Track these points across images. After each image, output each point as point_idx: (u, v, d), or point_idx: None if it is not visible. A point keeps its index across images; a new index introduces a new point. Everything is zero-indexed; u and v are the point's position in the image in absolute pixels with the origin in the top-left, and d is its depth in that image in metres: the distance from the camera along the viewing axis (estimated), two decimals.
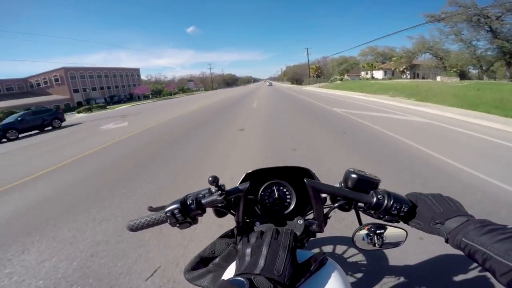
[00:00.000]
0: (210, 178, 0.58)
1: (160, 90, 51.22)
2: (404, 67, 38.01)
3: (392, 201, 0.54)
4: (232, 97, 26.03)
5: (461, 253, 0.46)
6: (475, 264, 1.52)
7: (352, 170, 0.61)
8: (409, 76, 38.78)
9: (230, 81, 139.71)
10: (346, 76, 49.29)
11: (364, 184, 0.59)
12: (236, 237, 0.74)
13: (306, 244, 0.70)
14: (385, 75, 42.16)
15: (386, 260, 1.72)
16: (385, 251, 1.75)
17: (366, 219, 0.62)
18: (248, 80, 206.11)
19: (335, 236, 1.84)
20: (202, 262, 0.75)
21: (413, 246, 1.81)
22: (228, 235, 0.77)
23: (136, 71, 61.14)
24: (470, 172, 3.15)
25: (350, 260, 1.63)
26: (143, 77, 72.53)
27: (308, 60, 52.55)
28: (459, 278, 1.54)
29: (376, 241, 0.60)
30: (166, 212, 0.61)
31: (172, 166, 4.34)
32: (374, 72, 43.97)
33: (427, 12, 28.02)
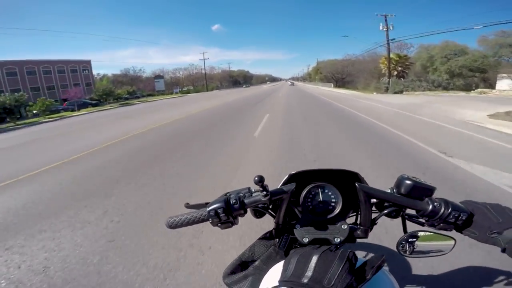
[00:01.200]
0: (256, 178, 0.57)
1: (110, 92, 34.05)
2: None
3: (450, 209, 0.53)
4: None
5: (492, 265, 0.48)
6: (502, 277, 1.46)
7: (406, 176, 0.60)
8: None
9: (241, 79, 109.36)
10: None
11: (419, 191, 0.58)
12: (275, 239, 0.73)
13: None
14: None
15: (409, 269, 1.68)
16: (410, 259, 1.70)
17: (410, 226, 0.61)
18: (262, 80, 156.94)
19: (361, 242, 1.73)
20: (241, 265, 0.74)
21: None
22: (266, 237, 0.76)
23: (85, 65, 41.89)
24: None
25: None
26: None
27: (388, 43, 25.42)
28: None
29: (422, 248, 0.60)
30: (209, 211, 0.60)
31: None
32: None
33: None
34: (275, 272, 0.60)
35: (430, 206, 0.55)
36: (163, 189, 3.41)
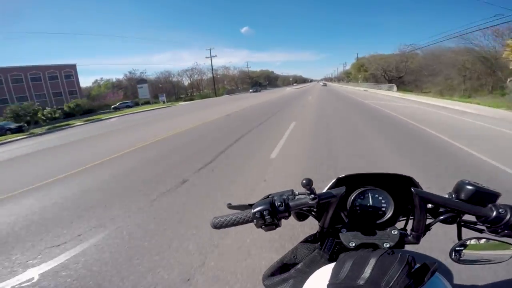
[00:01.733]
0: (304, 181, 0.57)
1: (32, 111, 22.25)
2: None
3: None
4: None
5: None
6: None
7: (468, 181, 0.59)
8: None
9: (264, 81, 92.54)
10: None
11: (482, 196, 0.57)
12: (319, 242, 0.72)
13: None
14: None
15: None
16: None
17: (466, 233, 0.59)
18: (288, 81, 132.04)
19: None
20: (283, 268, 0.73)
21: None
22: (310, 240, 0.75)
23: (69, 70, 35.67)
24: None
25: None
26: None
27: None
28: None
29: (479, 256, 0.60)
30: (254, 213, 0.59)
31: None
32: None
33: None
34: (320, 275, 0.59)
35: (494, 213, 0.54)
36: None
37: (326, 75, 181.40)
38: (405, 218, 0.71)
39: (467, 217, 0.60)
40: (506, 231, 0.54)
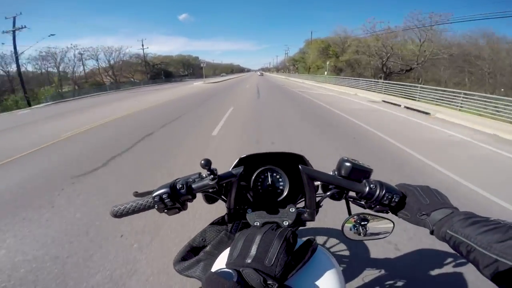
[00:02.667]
0: (202, 162, 0.55)
1: None
2: None
3: (384, 191, 0.54)
4: None
5: (440, 247, 0.44)
6: (450, 259, 1.59)
7: (346, 158, 0.60)
8: None
9: (180, 70, 66.52)
10: None
11: (358, 173, 0.59)
12: (228, 224, 0.72)
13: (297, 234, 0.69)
14: None
15: (368, 252, 1.78)
16: (368, 243, 1.81)
17: (355, 209, 0.64)
18: (224, 70, 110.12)
19: (317, 227, 1.87)
20: (192, 251, 0.73)
21: (396, 238, 1.84)
22: (218, 222, 0.75)
23: None
24: None
25: (332, 251, 1.65)
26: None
27: None
28: (436, 272, 1.61)
29: (364, 231, 0.62)
30: (154, 197, 0.58)
31: None
32: None
33: None
34: (225, 256, 0.60)
35: (367, 188, 0.55)
36: None
37: (264, 65, 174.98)
38: (304, 197, 0.73)
39: (352, 193, 0.62)
40: (378, 206, 0.56)
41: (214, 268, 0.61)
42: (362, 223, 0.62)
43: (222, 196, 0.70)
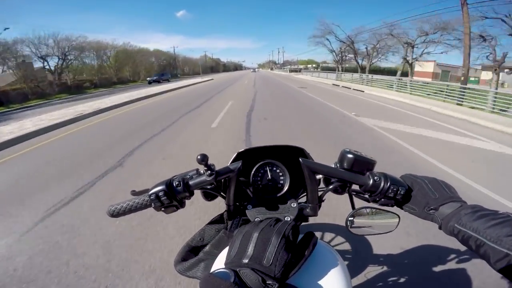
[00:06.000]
0: (198, 157, 0.53)
1: None
2: None
3: (389, 183, 0.52)
4: None
5: (444, 243, 0.44)
6: (454, 255, 1.58)
7: (348, 150, 0.58)
8: None
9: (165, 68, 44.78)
10: None
11: (360, 165, 0.56)
12: (227, 222, 0.70)
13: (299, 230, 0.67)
14: None
15: (371, 249, 1.76)
16: (370, 238, 1.79)
17: (358, 203, 0.61)
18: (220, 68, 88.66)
19: (319, 222, 1.84)
20: (192, 251, 0.72)
21: (398, 234, 1.84)
22: (217, 220, 0.73)
23: None
24: None
25: (333, 246, 1.62)
26: None
27: None
28: (439, 268, 1.59)
29: (369, 226, 0.60)
30: (150, 195, 0.56)
31: None
32: None
33: None
34: (224, 256, 0.58)
35: (371, 180, 0.53)
36: None
37: (261, 62, 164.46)
38: (306, 191, 0.70)
39: (355, 187, 0.59)
40: (383, 200, 0.53)
41: (213, 268, 0.60)
42: (371, 216, 0.59)
43: (221, 193, 0.68)
